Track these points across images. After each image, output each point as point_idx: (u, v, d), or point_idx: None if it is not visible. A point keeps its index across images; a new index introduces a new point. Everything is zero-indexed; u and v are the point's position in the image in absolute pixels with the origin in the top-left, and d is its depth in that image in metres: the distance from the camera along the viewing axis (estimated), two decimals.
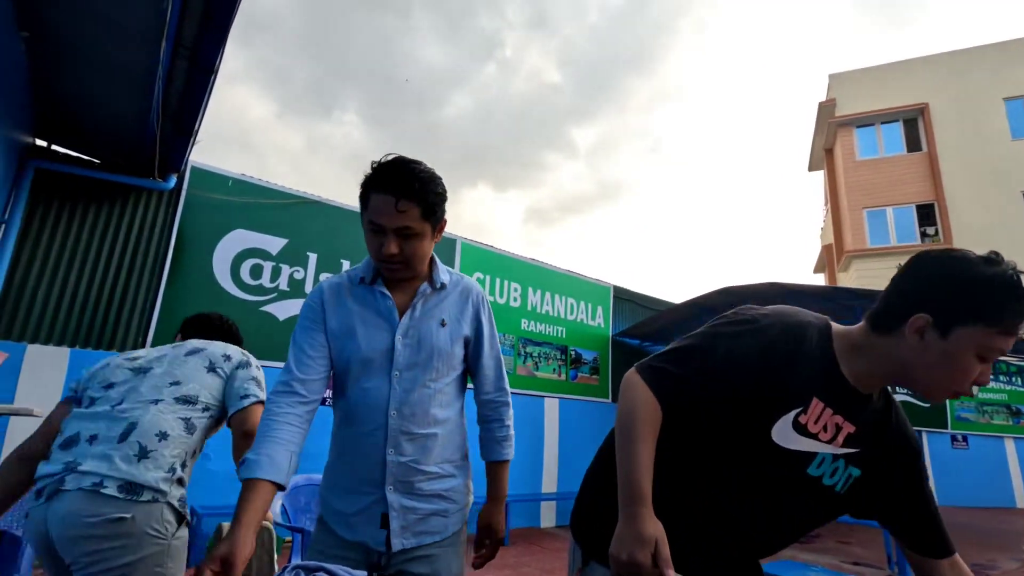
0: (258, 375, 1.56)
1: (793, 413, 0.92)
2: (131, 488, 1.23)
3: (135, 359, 1.51)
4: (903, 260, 0.94)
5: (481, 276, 6.49)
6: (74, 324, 4.13)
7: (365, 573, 1.00)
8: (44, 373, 3.86)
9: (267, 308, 4.94)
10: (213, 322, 1.78)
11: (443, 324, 1.27)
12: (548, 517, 6.49)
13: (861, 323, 0.96)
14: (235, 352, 1.58)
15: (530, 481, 6.38)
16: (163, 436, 1.33)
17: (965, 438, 10.45)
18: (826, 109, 15.39)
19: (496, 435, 1.38)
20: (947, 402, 10.46)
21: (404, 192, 1.13)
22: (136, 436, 1.30)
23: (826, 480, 0.96)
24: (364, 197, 1.19)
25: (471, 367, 1.36)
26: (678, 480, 0.97)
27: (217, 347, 1.56)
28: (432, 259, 1.32)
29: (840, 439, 0.94)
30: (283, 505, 2.54)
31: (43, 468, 1.27)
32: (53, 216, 4.17)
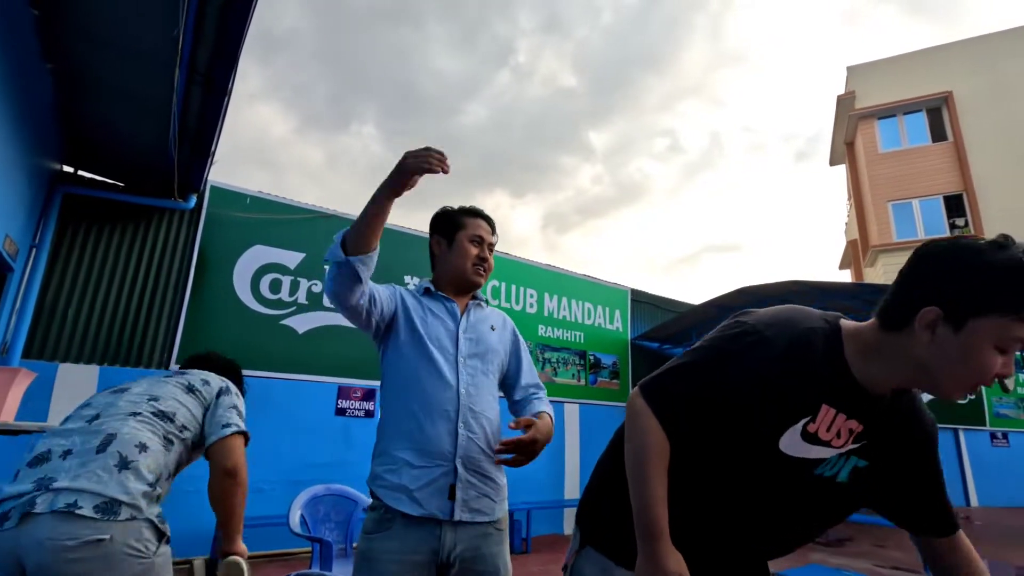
0: (239, 404, 1.53)
1: (801, 423, 0.90)
2: (108, 507, 1.18)
3: (117, 388, 1.47)
4: None
5: (497, 283, 6.52)
6: (103, 342, 4.27)
7: None
8: (76, 391, 3.99)
9: (286, 322, 5.03)
10: (213, 360, 1.76)
11: (492, 328, 1.62)
12: (571, 524, 6.44)
13: (872, 320, 0.91)
14: (214, 378, 1.57)
15: (553, 488, 6.34)
16: (143, 448, 1.30)
17: (1005, 435, 10.04)
18: (845, 102, 15.07)
19: (537, 396, 1.64)
20: (983, 398, 10.07)
21: (493, 225, 1.69)
22: (116, 447, 1.26)
23: (833, 476, 0.95)
24: (459, 218, 1.62)
25: (511, 373, 1.66)
26: (685, 495, 0.96)
27: (197, 372, 1.56)
28: None
29: (851, 441, 0.93)
30: (302, 515, 2.58)
31: (8, 488, 1.18)
32: (81, 238, 4.34)
